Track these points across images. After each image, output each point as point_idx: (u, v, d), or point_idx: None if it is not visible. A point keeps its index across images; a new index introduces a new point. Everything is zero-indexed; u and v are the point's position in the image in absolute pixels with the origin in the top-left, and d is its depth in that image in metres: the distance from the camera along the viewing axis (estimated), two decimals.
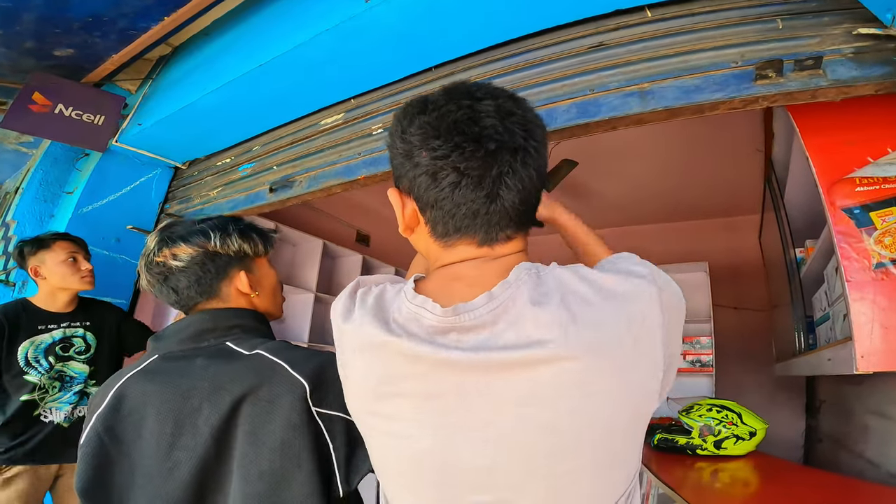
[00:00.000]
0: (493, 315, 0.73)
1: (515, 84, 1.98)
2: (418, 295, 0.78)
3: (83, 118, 3.05)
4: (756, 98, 1.48)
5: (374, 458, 0.87)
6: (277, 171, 2.80)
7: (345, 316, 0.84)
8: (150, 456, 0.99)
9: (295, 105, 2.69)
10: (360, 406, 0.84)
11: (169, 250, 1.16)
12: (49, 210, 3.29)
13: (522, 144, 0.75)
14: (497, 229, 0.79)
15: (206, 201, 3.21)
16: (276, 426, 0.96)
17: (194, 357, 1.07)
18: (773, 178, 2.90)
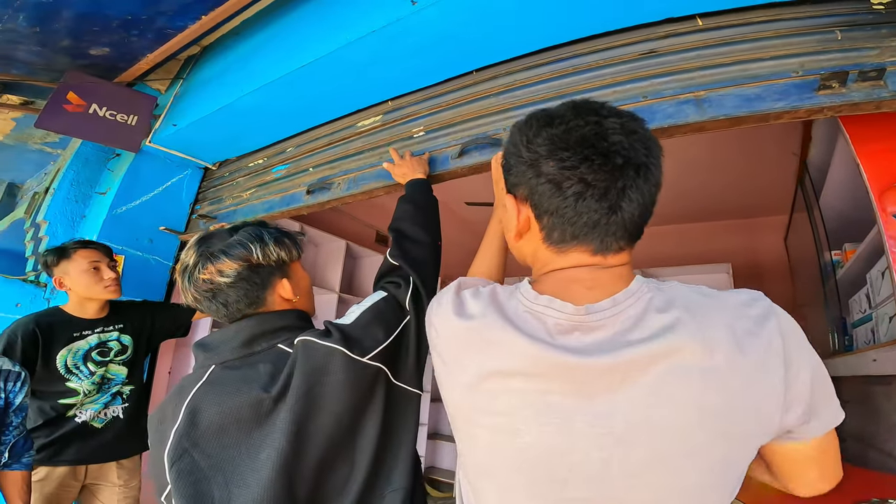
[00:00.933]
0: (617, 318, 0.77)
1: (563, 90, 1.97)
2: (541, 295, 0.82)
3: (117, 118, 3.05)
4: (821, 108, 1.48)
5: (473, 453, 0.87)
6: (314, 172, 2.79)
7: (458, 312, 0.87)
8: (241, 465, 1.03)
9: (332, 106, 2.69)
10: (465, 401, 0.85)
11: (214, 266, 1.18)
12: (80, 210, 3.30)
13: (644, 161, 0.79)
14: (612, 240, 0.81)
15: (239, 202, 3.21)
16: (337, 392, 1.06)
17: (256, 364, 1.12)
18: (806, 181, 2.91)
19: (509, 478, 0.81)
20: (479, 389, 0.81)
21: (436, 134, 2.29)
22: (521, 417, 0.77)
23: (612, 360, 0.73)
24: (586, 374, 0.74)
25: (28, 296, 3.14)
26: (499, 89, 2.16)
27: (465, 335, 0.85)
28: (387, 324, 1.20)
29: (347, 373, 1.07)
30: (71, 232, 3.24)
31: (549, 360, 0.75)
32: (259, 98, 2.61)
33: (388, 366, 1.15)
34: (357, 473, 1.08)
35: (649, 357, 0.72)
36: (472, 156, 2.10)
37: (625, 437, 0.72)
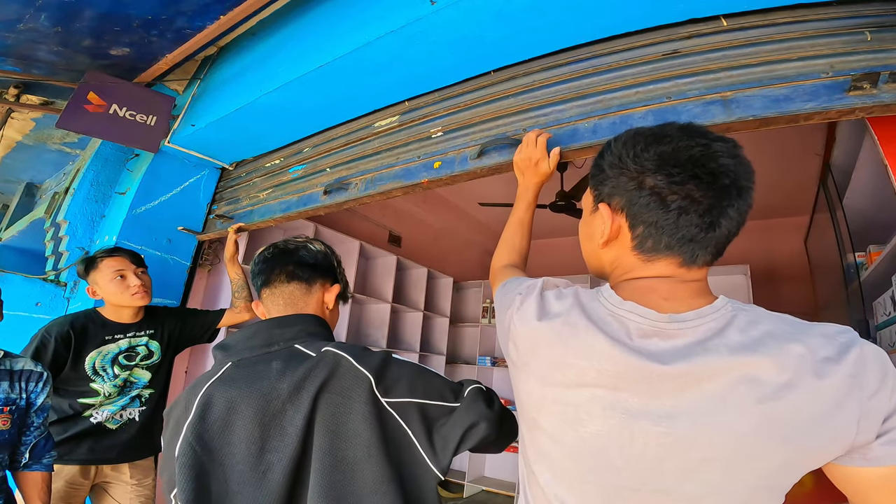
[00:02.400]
0: (698, 329, 0.81)
1: (583, 91, 1.95)
2: (626, 301, 0.87)
3: (136, 118, 3.07)
4: (852, 109, 1.45)
5: (535, 439, 0.94)
6: (331, 173, 2.80)
7: (540, 315, 0.93)
8: (242, 461, 1.02)
9: (350, 106, 2.70)
10: (537, 391, 0.91)
11: (308, 240, 1.41)
12: (100, 210, 3.33)
13: (745, 185, 0.84)
14: (702, 254, 0.86)
15: (256, 203, 3.22)
16: (347, 417, 1.01)
17: (269, 361, 1.11)
18: (829, 181, 2.88)
19: (566, 463, 0.87)
20: (553, 381, 0.88)
21: (454, 134, 2.28)
22: (588, 409, 0.83)
23: (686, 366, 0.77)
24: (659, 377, 0.78)
25: (48, 295, 3.17)
26: (517, 90, 2.15)
27: (546, 334, 0.90)
28: (432, 390, 1.10)
29: (366, 404, 1.02)
30: (90, 232, 3.27)
31: (625, 361, 0.80)
32: (277, 98, 2.61)
33: (408, 423, 1.05)
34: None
35: (722, 368, 0.76)
36: (492, 156, 2.08)
37: (685, 438, 0.76)
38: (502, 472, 6.09)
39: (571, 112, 1.95)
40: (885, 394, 0.72)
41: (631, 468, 0.80)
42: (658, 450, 0.78)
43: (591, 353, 0.83)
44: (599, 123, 1.85)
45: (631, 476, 0.80)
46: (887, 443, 0.72)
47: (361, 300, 4.94)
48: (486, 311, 6.59)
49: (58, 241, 3.30)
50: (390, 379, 1.07)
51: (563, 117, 1.96)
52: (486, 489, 5.92)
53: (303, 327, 1.22)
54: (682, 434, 0.76)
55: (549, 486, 0.90)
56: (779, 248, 4.73)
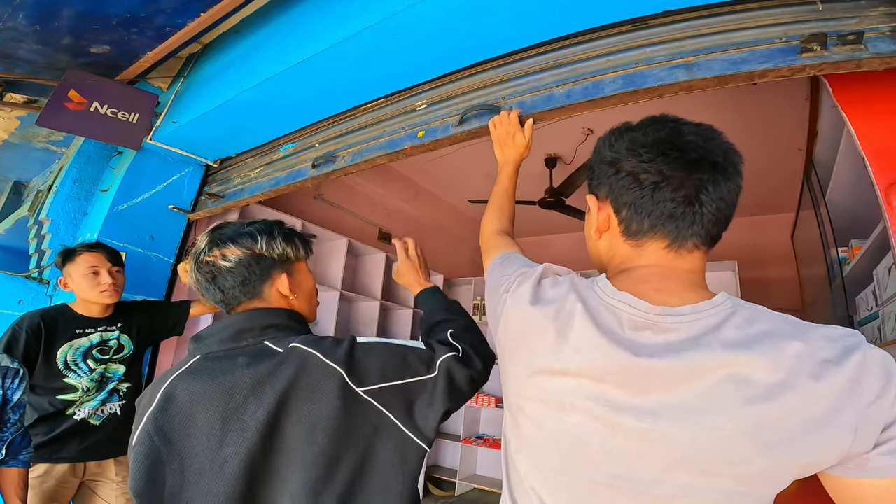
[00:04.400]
0: (694, 325, 0.79)
1: (559, 61, 2.02)
2: (620, 291, 0.86)
3: (118, 116, 3.06)
4: (803, 67, 1.52)
5: (519, 428, 0.92)
6: (320, 148, 2.82)
7: (534, 300, 0.93)
8: (200, 454, 1.01)
9: (330, 103, 2.70)
10: (523, 378, 0.90)
11: (219, 251, 1.22)
12: (83, 208, 3.31)
13: (721, 162, 0.84)
14: (688, 234, 0.86)
15: (247, 181, 3.24)
16: (320, 413, 1.00)
17: (236, 356, 1.10)
18: (812, 177, 2.87)
19: (545, 453, 0.86)
20: (540, 368, 0.86)
21: (437, 106, 2.33)
22: (571, 399, 0.81)
23: (675, 361, 0.75)
24: (646, 372, 0.76)
25: (31, 293, 3.15)
26: (498, 63, 2.21)
27: (538, 320, 0.89)
28: (403, 368, 1.12)
29: (340, 398, 1.02)
30: (73, 229, 3.26)
31: (613, 354, 0.79)
32: (257, 94, 2.61)
33: (388, 407, 1.07)
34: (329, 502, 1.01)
35: (713, 365, 0.73)
36: (472, 122, 2.13)
37: (666, 436, 0.74)
38: (494, 470, 6.08)
39: (548, 80, 2.02)
40: (887, 402, 0.69)
41: (610, 463, 0.78)
42: (639, 446, 0.76)
43: (580, 343, 0.82)
44: (573, 89, 1.93)
45: (609, 471, 0.78)
46: (887, 453, 0.69)
47: (350, 297, 4.92)
48: (478, 308, 6.54)
49: (41, 239, 3.29)
50: (361, 368, 1.06)
51: (539, 85, 2.04)
52: (478, 487, 5.92)
53: (272, 322, 1.19)
54: (664, 432, 0.74)
55: (527, 477, 0.89)
56: (766, 244, 4.73)
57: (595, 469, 0.80)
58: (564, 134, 4.22)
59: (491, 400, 6.10)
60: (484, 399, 6.14)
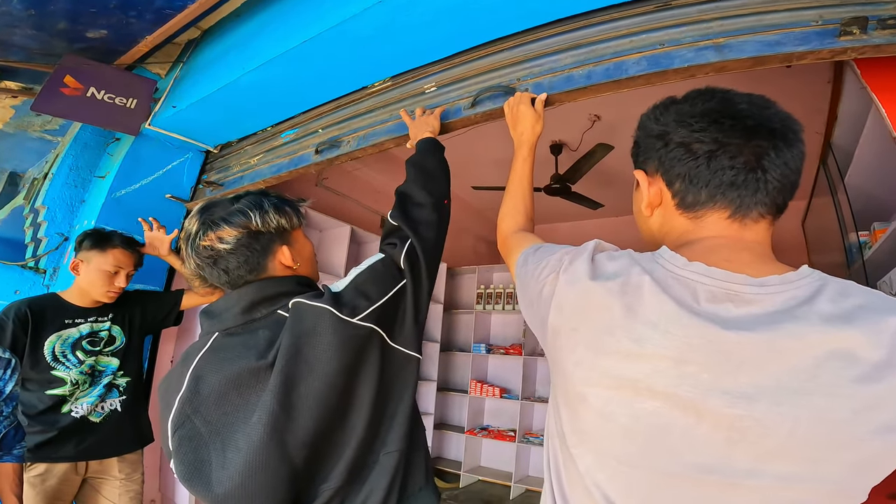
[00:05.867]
0: (781, 296, 0.72)
1: (577, 41, 1.93)
2: (692, 261, 0.78)
3: (115, 101, 2.99)
4: (844, 49, 1.48)
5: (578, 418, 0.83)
6: (323, 133, 2.73)
7: (593, 275, 0.83)
8: (238, 430, 1.02)
9: (336, 83, 2.62)
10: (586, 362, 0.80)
11: (214, 234, 1.19)
12: (80, 195, 3.26)
13: (780, 128, 0.79)
14: (752, 202, 0.81)
15: (246, 168, 3.17)
16: (324, 354, 1.04)
17: (256, 330, 1.13)
18: (830, 160, 2.84)
19: (614, 444, 0.77)
20: (607, 349, 0.77)
21: (448, 89, 2.25)
22: (647, 383, 0.73)
23: (769, 335, 0.67)
24: (736, 349, 0.68)
25: (27, 283, 3.11)
26: (512, 44, 2.12)
27: (602, 295, 0.80)
28: (381, 285, 1.18)
29: (337, 334, 1.05)
30: (70, 217, 3.21)
31: (696, 328, 0.71)
32: (260, 76, 2.54)
33: (382, 327, 1.13)
34: (352, 435, 1.08)
35: (814, 340, 0.66)
36: (485, 104, 2.06)
37: (764, 422, 0.66)
38: (498, 461, 6.04)
39: (566, 61, 1.94)
40: None
41: (694, 453, 0.70)
42: (730, 434, 0.68)
43: (656, 319, 0.73)
44: (594, 70, 1.85)
45: (693, 462, 0.70)
46: None
47: None
48: (481, 298, 6.49)
49: (37, 228, 3.23)
50: (348, 301, 1.10)
51: (557, 66, 1.95)
52: (482, 479, 5.88)
53: (284, 290, 1.19)
54: (760, 417, 0.66)
55: (589, 472, 0.80)
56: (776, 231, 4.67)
57: (675, 461, 0.71)
58: (571, 120, 4.15)
59: (495, 391, 6.05)
60: (488, 390, 6.09)
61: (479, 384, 6.17)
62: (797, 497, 0.67)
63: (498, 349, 6.34)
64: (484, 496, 5.43)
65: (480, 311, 6.54)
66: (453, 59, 2.28)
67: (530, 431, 5.96)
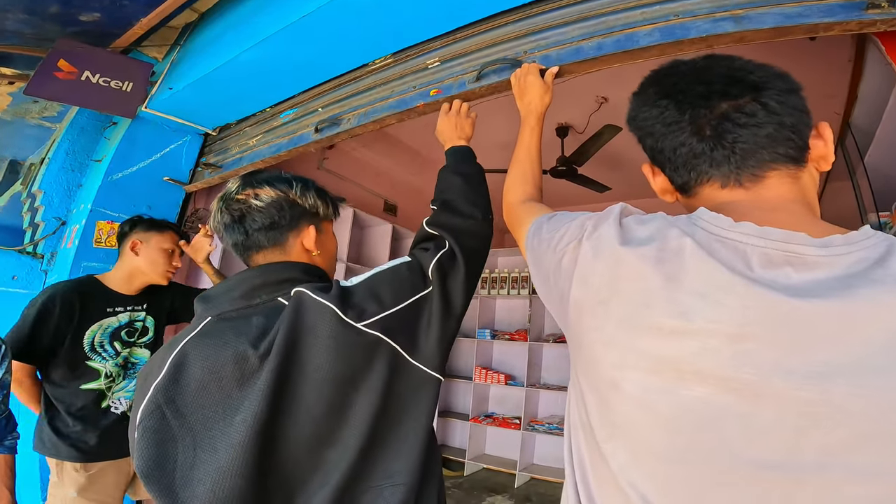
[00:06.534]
0: (848, 258, 0.61)
1: (586, 13, 1.86)
2: (739, 222, 0.68)
3: (111, 85, 2.95)
4: (873, 21, 1.40)
5: (610, 408, 0.72)
6: (322, 112, 2.67)
7: (623, 241, 0.73)
8: (214, 427, 0.92)
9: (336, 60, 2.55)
10: (618, 341, 0.70)
11: (252, 190, 1.17)
12: (77, 179, 3.22)
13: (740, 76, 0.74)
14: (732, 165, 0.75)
15: (245, 149, 3.11)
16: (321, 357, 0.94)
17: (250, 316, 1.03)
18: (848, 141, 2.77)
19: (654, 439, 0.66)
20: (645, 326, 0.67)
21: (451, 63, 2.17)
22: (694, 365, 0.62)
23: (844, 304, 0.57)
24: (804, 319, 0.58)
25: (24, 268, 3.09)
26: (518, 17, 2.04)
27: (635, 263, 0.70)
28: (399, 290, 1.05)
29: (334, 338, 0.94)
30: (67, 201, 3.18)
31: (754, 297, 0.60)
32: (258, 54, 2.47)
33: (394, 338, 0.99)
34: (342, 457, 0.94)
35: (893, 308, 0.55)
36: (490, 77, 1.98)
37: (844, 407, 0.55)
38: (503, 449, 6.00)
39: (574, 34, 1.86)
40: None
41: (753, 447, 0.59)
42: (798, 422, 0.57)
43: (703, 287, 0.63)
44: (604, 42, 1.77)
45: (750, 458, 0.60)
46: None
47: (355, 269, 4.81)
48: (486, 282, 6.43)
49: (34, 212, 3.20)
50: (356, 300, 0.99)
51: (564, 38, 1.88)
52: (487, 467, 5.84)
53: (289, 276, 1.11)
54: (839, 402, 0.55)
55: (624, 470, 0.70)
56: None
57: (729, 457, 0.61)
58: (577, 102, 4.06)
59: (500, 377, 5.99)
60: (493, 377, 6.03)
61: (484, 371, 6.10)
62: (874, 493, 0.56)
63: (503, 335, 6.25)
64: (488, 484, 5.39)
65: (485, 295, 6.46)
66: (457, 34, 2.19)
67: (535, 419, 5.90)
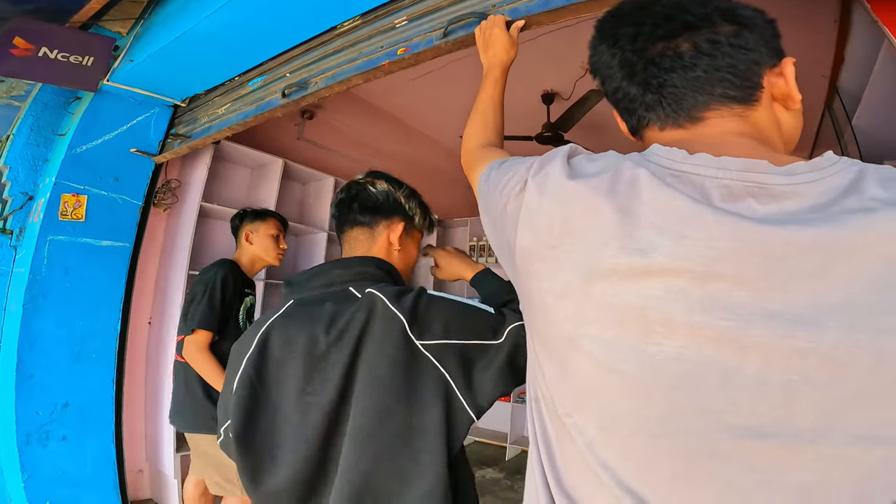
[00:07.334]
0: (817, 186, 0.53)
1: None
2: (694, 154, 0.59)
3: (70, 60, 2.87)
4: None
5: (572, 374, 0.62)
6: (290, 77, 2.61)
7: (572, 175, 0.64)
8: (287, 401, 1.06)
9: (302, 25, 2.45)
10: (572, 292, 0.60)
11: (373, 179, 1.32)
12: (42, 154, 3.18)
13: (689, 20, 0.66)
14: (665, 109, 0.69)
15: (214, 118, 3.06)
16: (380, 363, 1.00)
17: (324, 301, 1.12)
18: (836, 105, 2.75)
19: (626, 405, 0.57)
20: (603, 268, 0.57)
21: (419, 21, 2.08)
22: (662, 315, 0.53)
23: (825, 232, 0.48)
24: (779, 251, 0.49)
25: None
26: None
27: (588, 197, 0.60)
28: (469, 328, 1.06)
29: (397, 347, 1.00)
30: (34, 176, 3.15)
31: (718, 227, 0.51)
32: (219, 21, 2.38)
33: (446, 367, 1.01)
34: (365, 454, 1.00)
35: (886, 231, 0.47)
36: (457, 33, 1.90)
37: (836, 357, 0.47)
38: (495, 422, 5.94)
39: None
40: None
41: (739, 411, 0.50)
42: (788, 377, 0.48)
43: (661, 220, 0.54)
44: None
45: (736, 425, 0.51)
46: None
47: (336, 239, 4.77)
48: (473, 250, 6.34)
49: (1, 188, 3.15)
50: (424, 320, 1.03)
51: None
52: (479, 440, 5.86)
53: (361, 270, 1.21)
54: (828, 350, 0.47)
55: (593, 447, 0.59)
56: None
57: (712, 425, 0.52)
58: (562, 69, 3.94)
59: None
60: None
61: None
62: (885, 461, 0.47)
63: None
64: (480, 457, 5.39)
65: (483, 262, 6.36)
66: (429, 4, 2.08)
67: (524, 391, 5.83)
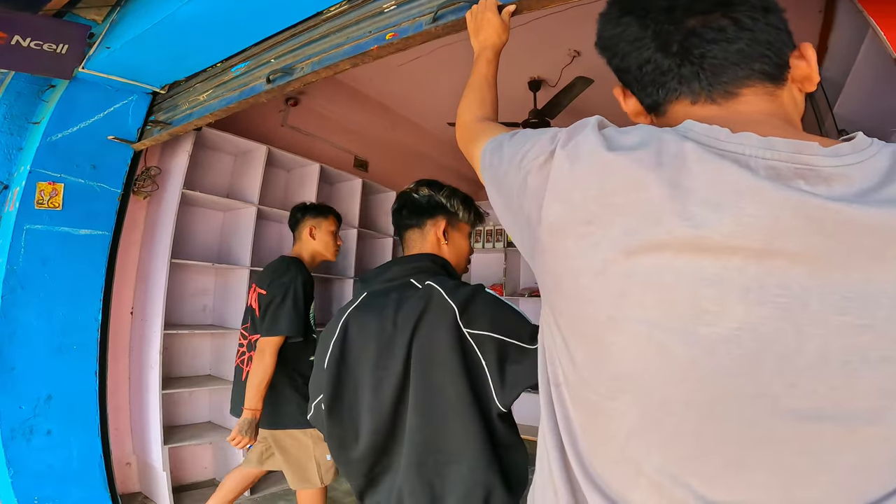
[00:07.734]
0: (863, 168, 0.51)
1: None
2: (737, 133, 0.55)
3: (44, 48, 2.78)
4: None
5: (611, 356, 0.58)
6: (276, 63, 2.57)
7: (609, 146, 0.59)
8: (366, 376, 1.27)
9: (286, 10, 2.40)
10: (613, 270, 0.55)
11: (417, 187, 1.52)
12: (17, 143, 3.11)
13: None
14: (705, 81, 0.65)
15: (195, 105, 3.02)
16: (437, 345, 1.17)
17: (390, 292, 1.34)
18: (818, 94, 2.74)
19: (672, 389, 0.54)
20: (648, 243, 0.53)
21: (408, 6, 2.03)
22: (713, 293, 0.50)
23: (884, 214, 0.46)
24: (844, 227, 0.47)
25: None
26: None
27: (626, 169, 0.55)
28: (511, 329, 1.17)
29: (449, 331, 1.15)
30: (8, 165, 3.09)
31: (783, 202, 0.48)
32: (197, 7, 2.31)
33: (485, 355, 1.15)
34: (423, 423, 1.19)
35: None
36: (447, 17, 1.86)
37: (888, 333, 0.46)
38: None
39: None
40: None
41: (795, 393, 0.49)
42: (847, 357, 0.47)
43: (720, 195, 0.50)
44: None
45: (792, 408, 0.49)
46: None
47: None
48: None
49: None
50: (474, 312, 1.18)
51: None
52: None
53: (417, 265, 1.40)
54: (883, 329, 0.46)
55: (636, 433, 0.57)
56: None
57: (766, 408, 0.50)
58: (549, 57, 3.96)
59: None
60: None
61: None
62: None
63: None
64: None
65: None
66: None
67: None
